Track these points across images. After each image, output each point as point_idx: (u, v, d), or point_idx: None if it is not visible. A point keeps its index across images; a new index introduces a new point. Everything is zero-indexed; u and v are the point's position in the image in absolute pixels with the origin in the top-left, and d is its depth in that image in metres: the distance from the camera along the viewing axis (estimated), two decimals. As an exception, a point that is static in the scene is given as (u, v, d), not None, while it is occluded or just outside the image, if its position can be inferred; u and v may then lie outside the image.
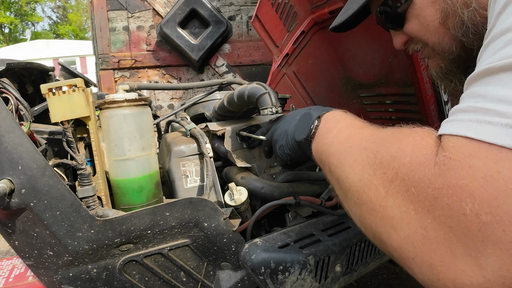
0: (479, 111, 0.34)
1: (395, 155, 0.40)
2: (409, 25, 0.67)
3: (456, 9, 0.57)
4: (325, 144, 0.58)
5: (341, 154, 0.51)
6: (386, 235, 0.39)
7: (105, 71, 3.06)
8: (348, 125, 0.58)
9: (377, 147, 0.43)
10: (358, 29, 0.83)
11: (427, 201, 0.34)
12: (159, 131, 1.30)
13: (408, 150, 0.39)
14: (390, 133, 0.45)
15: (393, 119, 1.72)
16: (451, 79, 0.69)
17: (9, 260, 1.06)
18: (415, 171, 0.36)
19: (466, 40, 0.59)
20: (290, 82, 1.85)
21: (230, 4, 3.23)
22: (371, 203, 0.41)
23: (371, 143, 0.46)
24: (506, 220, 0.29)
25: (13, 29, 24.15)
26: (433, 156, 0.36)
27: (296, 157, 0.74)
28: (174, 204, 0.70)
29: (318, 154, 0.61)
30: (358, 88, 1.77)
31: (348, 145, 0.51)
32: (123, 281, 0.72)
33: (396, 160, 0.39)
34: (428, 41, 0.66)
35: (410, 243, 0.36)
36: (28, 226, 0.63)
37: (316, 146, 0.62)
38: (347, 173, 0.48)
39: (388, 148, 0.41)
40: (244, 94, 0.89)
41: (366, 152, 0.45)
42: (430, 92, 1.22)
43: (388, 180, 0.39)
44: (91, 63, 12.63)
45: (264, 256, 0.74)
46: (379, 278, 2.03)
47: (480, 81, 0.36)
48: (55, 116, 0.70)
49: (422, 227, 0.34)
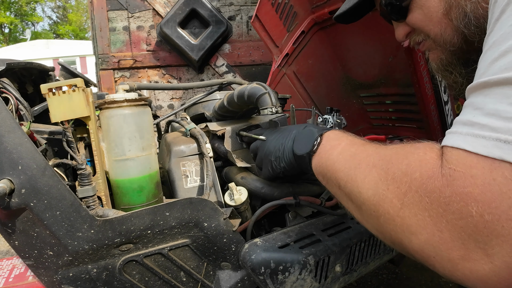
0: (475, 125, 0.40)
1: (406, 170, 0.45)
2: (412, 15, 0.68)
3: (459, 0, 0.59)
4: (329, 160, 0.63)
5: (350, 170, 0.56)
6: (407, 240, 0.45)
7: (105, 71, 3.06)
8: (350, 143, 0.62)
9: (387, 165, 0.49)
10: (358, 29, 0.83)
11: (440, 208, 0.40)
12: (159, 131, 1.30)
13: (416, 166, 0.44)
14: (395, 151, 0.50)
15: (393, 119, 1.72)
16: (451, 71, 0.70)
17: (9, 260, 1.06)
18: (426, 183, 0.42)
19: (467, 32, 0.61)
20: (290, 82, 1.86)
21: (230, 4, 3.23)
22: (389, 214, 0.46)
23: (378, 161, 0.51)
24: (503, 218, 0.35)
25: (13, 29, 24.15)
26: (439, 169, 0.42)
27: (290, 170, 0.77)
28: (174, 204, 0.70)
29: (321, 169, 0.65)
30: (358, 88, 1.77)
31: (356, 162, 0.55)
32: (123, 281, 0.72)
33: (407, 175, 0.45)
34: (430, 32, 0.67)
35: (430, 244, 0.42)
36: (28, 226, 0.63)
37: (319, 161, 0.66)
38: (360, 188, 0.52)
39: (398, 165, 0.47)
40: (244, 94, 0.89)
41: (376, 169, 0.50)
42: (430, 92, 1.22)
43: (402, 193, 0.45)
44: (91, 63, 12.63)
45: (264, 256, 0.74)
46: (379, 278, 2.03)
47: (479, 92, 0.42)
48: (55, 116, 0.70)
49: (438, 230, 0.40)
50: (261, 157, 0.83)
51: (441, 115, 1.34)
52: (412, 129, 1.62)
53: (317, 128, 0.73)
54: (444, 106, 1.33)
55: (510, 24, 0.40)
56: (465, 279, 0.40)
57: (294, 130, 0.77)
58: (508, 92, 0.37)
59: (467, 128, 0.41)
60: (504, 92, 0.38)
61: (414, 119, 1.58)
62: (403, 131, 1.67)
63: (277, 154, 0.78)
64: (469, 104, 0.43)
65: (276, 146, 0.78)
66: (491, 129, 0.38)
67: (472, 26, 0.59)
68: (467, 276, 0.39)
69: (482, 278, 0.38)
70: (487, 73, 0.41)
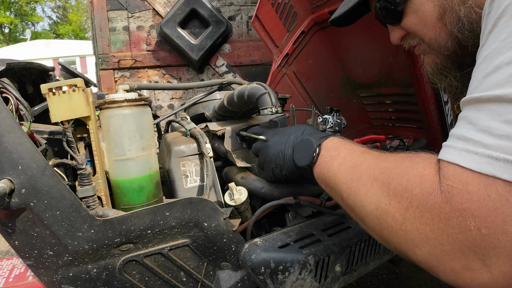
0: (469, 141, 0.42)
1: (406, 186, 0.47)
2: (407, 20, 0.69)
3: (453, 5, 0.59)
4: (330, 171, 0.64)
5: (352, 183, 0.57)
6: (411, 252, 0.47)
7: (105, 71, 3.06)
8: (350, 152, 0.63)
9: (387, 179, 0.51)
10: (358, 29, 0.83)
11: (441, 223, 0.43)
12: (159, 131, 1.30)
13: (416, 182, 0.46)
14: (395, 165, 0.52)
15: (393, 119, 1.72)
16: (446, 74, 0.71)
17: (9, 260, 1.06)
18: (426, 200, 0.44)
19: (461, 37, 0.61)
20: (290, 82, 1.86)
21: (230, 4, 3.23)
22: (392, 228, 0.49)
23: (379, 174, 0.53)
24: (499, 231, 0.38)
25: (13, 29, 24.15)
26: (438, 185, 0.44)
27: (292, 177, 0.79)
28: (174, 204, 0.70)
29: (324, 180, 0.66)
30: (358, 88, 1.77)
31: (357, 175, 0.57)
32: (123, 281, 0.72)
33: (408, 191, 0.47)
34: (424, 37, 0.68)
35: (432, 256, 0.44)
36: (28, 226, 0.63)
37: (320, 172, 0.67)
38: (362, 202, 0.54)
39: (398, 180, 0.49)
40: (244, 94, 0.89)
41: (377, 183, 0.52)
42: (430, 92, 1.23)
43: (404, 208, 0.47)
44: (91, 63, 12.63)
45: (264, 256, 0.74)
46: (379, 278, 2.03)
47: (472, 106, 0.44)
48: (55, 116, 0.70)
49: (440, 243, 0.43)
50: (263, 161, 0.84)
51: (441, 115, 1.34)
52: (412, 129, 1.62)
53: (315, 135, 0.73)
54: (444, 106, 1.33)
55: (503, 38, 0.41)
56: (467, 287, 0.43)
57: (292, 135, 0.77)
58: (500, 110, 0.39)
59: (461, 143, 0.43)
60: (496, 109, 0.40)
61: (414, 119, 1.58)
62: (403, 131, 1.67)
63: (278, 162, 0.78)
64: (463, 117, 0.45)
65: (276, 153, 0.79)
66: (483, 145, 0.40)
67: (466, 30, 0.60)
68: (468, 284, 0.42)
69: (482, 286, 0.41)
70: (480, 87, 0.43)
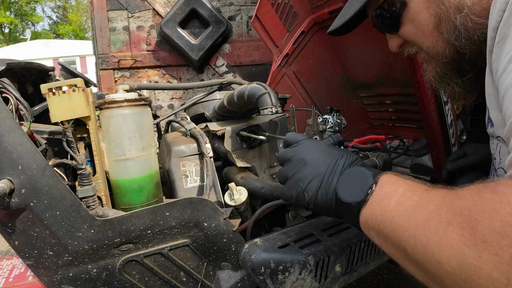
0: None
1: (501, 230, 0.35)
2: (404, 28, 0.69)
3: (449, 14, 0.59)
4: (386, 213, 0.50)
5: (416, 229, 0.44)
6: None
7: (105, 71, 3.06)
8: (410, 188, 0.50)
9: (468, 222, 0.38)
10: (358, 30, 0.83)
11: None
12: (159, 131, 1.30)
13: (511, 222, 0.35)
14: (473, 201, 0.40)
15: (393, 119, 1.72)
16: (448, 82, 0.70)
17: (9, 260, 1.06)
18: None
19: (458, 45, 0.61)
20: (290, 82, 1.86)
21: (230, 4, 3.23)
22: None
23: (453, 216, 0.40)
24: None
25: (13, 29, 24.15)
26: None
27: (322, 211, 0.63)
28: (174, 204, 0.70)
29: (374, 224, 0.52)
30: (358, 88, 1.77)
31: (423, 218, 0.44)
32: (123, 281, 0.72)
33: (505, 237, 0.35)
34: (422, 45, 0.68)
35: None
36: (28, 226, 0.63)
37: (371, 213, 0.53)
38: (436, 256, 0.41)
39: (486, 222, 0.37)
40: (244, 94, 0.89)
41: (453, 228, 0.40)
42: (430, 92, 1.22)
43: (506, 263, 0.34)
44: (91, 63, 12.62)
45: (264, 256, 0.74)
46: (379, 278, 2.03)
47: None
48: (55, 116, 0.70)
49: None
50: (289, 175, 0.65)
51: (441, 115, 1.34)
52: (412, 129, 1.62)
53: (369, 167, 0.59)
54: (444, 106, 1.33)
55: None
56: None
57: (341, 160, 0.61)
58: None
59: None
60: None
61: (414, 119, 1.58)
62: (403, 131, 1.67)
63: (312, 187, 0.61)
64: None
65: (314, 174, 0.61)
66: None
67: (463, 38, 0.60)
68: None
69: None
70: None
